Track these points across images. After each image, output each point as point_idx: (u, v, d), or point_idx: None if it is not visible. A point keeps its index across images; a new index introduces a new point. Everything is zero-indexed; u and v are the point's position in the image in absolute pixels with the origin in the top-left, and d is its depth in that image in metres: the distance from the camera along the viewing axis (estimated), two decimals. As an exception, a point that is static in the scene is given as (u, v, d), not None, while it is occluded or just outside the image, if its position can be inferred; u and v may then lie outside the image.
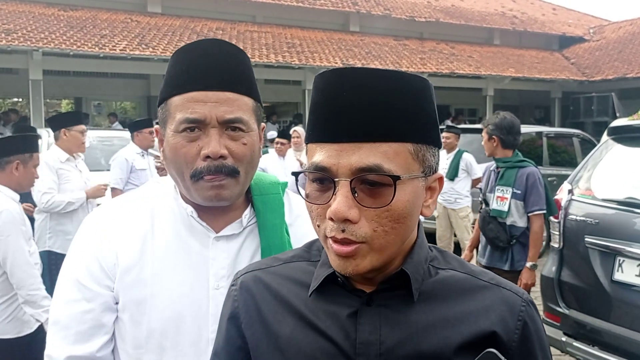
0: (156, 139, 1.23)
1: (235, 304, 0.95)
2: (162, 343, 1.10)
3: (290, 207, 1.27)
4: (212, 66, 1.10)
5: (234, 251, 1.17)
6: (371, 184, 0.78)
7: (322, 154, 0.79)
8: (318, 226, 0.82)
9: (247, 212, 1.20)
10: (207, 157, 1.08)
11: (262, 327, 0.90)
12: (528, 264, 3.67)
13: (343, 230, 0.78)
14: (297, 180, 0.84)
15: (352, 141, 0.78)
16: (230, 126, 1.10)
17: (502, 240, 3.75)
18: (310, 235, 1.22)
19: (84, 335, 1.10)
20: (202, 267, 1.14)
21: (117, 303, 1.13)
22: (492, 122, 3.84)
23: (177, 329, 1.11)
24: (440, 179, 0.87)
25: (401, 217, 0.79)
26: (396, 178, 0.77)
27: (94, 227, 1.17)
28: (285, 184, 1.30)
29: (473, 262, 3.88)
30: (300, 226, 1.25)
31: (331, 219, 0.78)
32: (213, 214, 1.16)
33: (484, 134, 3.89)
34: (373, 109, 0.78)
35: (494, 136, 3.80)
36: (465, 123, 14.64)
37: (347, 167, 0.77)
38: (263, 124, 1.21)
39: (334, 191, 0.78)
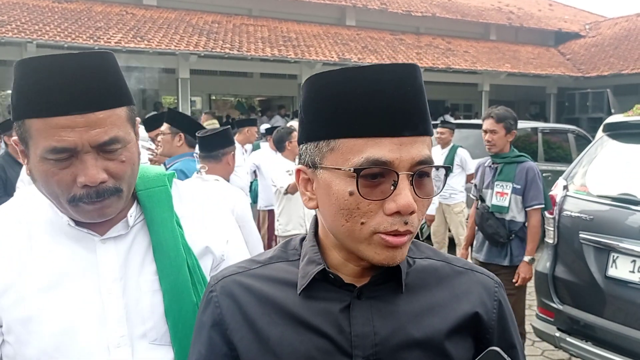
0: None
1: (218, 310, 0.91)
2: (57, 359, 1.04)
3: (179, 198, 1.20)
4: (76, 86, 0.97)
5: (123, 253, 1.10)
6: (420, 176, 0.81)
7: (380, 148, 0.78)
8: (362, 223, 0.80)
9: (133, 210, 1.12)
10: (85, 185, 1.00)
11: (250, 331, 0.88)
12: (526, 258, 3.66)
13: (406, 223, 0.79)
14: (358, 175, 0.78)
15: (413, 135, 0.79)
16: (105, 148, 1.01)
17: (502, 235, 3.73)
18: (203, 221, 1.18)
19: None
20: (91, 274, 1.07)
21: (1, 326, 1.06)
22: (508, 116, 3.70)
23: (71, 341, 1.04)
24: None
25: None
26: (448, 168, 0.84)
27: None
28: (172, 175, 1.21)
29: (469, 259, 3.87)
30: (193, 213, 1.19)
31: (395, 213, 0.78)
32: None
33: (500, 128, 3.70)
34: (423, 103, 0.82)
35: (513, 130, 3.70)
36: (453, 116, 14.64)
37: (409, 161, 0.78)
38: (138, 119, 1.12)
39: (394, 185, 0.78)
